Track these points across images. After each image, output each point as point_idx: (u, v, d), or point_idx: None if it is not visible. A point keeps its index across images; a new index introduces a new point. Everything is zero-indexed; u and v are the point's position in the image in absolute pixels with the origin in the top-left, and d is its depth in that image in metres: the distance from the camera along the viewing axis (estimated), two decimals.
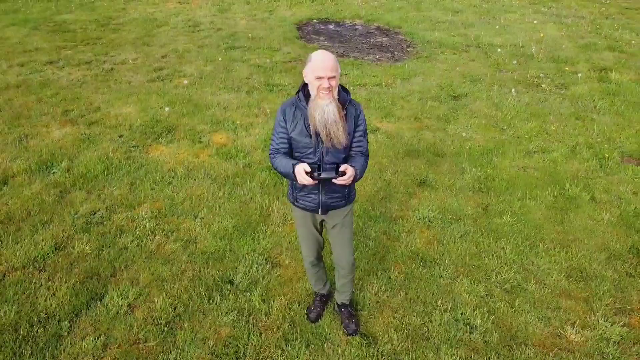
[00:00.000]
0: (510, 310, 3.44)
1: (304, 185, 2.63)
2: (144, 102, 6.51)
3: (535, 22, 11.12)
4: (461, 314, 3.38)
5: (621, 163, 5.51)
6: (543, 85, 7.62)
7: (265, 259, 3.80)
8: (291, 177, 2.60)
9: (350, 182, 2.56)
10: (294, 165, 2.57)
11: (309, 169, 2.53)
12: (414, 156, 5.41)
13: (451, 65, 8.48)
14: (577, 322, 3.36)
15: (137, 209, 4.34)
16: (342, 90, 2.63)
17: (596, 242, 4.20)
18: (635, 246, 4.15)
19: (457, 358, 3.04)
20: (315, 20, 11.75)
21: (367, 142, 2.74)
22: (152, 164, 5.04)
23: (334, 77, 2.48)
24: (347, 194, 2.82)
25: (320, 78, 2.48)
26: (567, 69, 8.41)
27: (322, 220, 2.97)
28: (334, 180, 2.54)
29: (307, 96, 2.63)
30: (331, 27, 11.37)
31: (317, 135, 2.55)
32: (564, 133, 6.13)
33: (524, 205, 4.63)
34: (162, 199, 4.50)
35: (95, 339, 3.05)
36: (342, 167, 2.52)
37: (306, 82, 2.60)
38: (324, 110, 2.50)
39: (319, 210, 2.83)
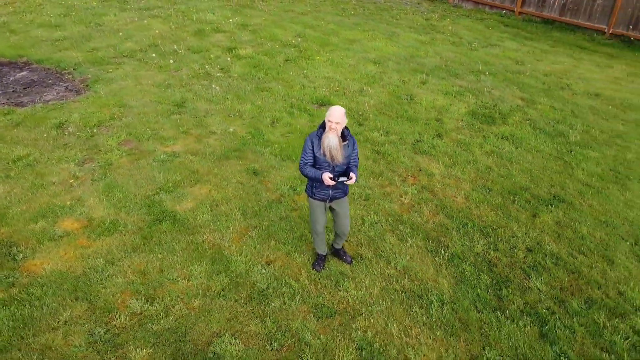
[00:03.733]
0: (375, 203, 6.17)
1: (322, 184, 4.42)
2: None
3: (145, 21, 12.71)
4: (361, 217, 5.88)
5: (316, 110, 8.72)
6: (218, 74, 9.90)
7: (261, 265, 5.14)
8: (318, 180, 4.39)
9: (353, 183, 4.53)
10: (321, 174, 4.36)
11: (331, 175, 4.38)
12: (230, 158, 7.01)
13: (134, 80, 9.49)
14: (398, 194, 6.44)
15: (111, 317, 4.55)
16: (346, 129, 4.44)
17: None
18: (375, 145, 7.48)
19: (386, 224, 5.62)
20: None
21: (358, 159, 4.62)
22: (54, 276, 4.88)
23: (338, 122, 4.30)
24: (345, 190, 4.72)
25: (330, 122, 4.28)
26: (211, 56, 10.85)
27: (330, 206, 4.79)
28: (345, 182, 4.46)
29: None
30: None
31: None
32: (272, 104, 8.80)
33: None
34: (128, 293, 4.79)
35: None
36: (351, 175, 4.45)
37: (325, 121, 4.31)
38: (329, 139, 4.32)
39: (328, 200, 4.67)
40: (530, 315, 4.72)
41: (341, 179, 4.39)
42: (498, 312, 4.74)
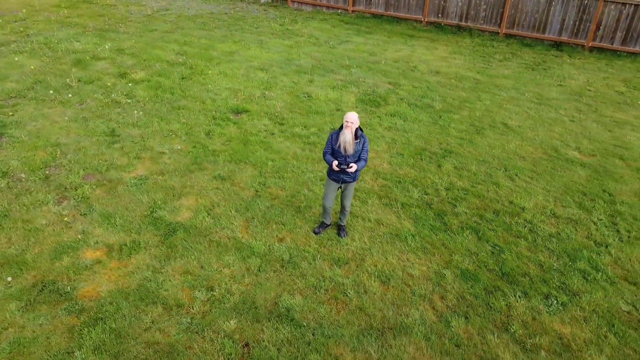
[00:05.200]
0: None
1: (335, 169, 6.05)
2: None
3: (16, 58, 12.17)
4: None
5: (238, 118, 9.99)
6: (127, 101, 10.42)
7: (277, 243, 6.48)
8: (330, 165, 6.01)
9: (354, 171, 6.14)
10: (332, 160, 5.99)
11: (337, 163, 6.03)
12: (193, 171, 8.00)
13: (45, 119, 9.54)
14: None
15: (187, 309, 5.60)
16: (360, 129, 5.99)
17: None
18: None
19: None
20: None
21: (367, 154, 6.11)
22: (116, 294, 5.63)
23: (352, 122, 5.87)
24: (354, 176, 6.28)
25: (346, 121, 5.87)
26: (108, 84, 11.20)
27: (340, 187, 6.35)
28: (346, 170, 6.11)
29: None
30: None
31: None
32: (196, 120, 9.80)
33: (257, 152, 8.59)
34: (187, 290, 5.77)
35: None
36: (350, 164, 6.09)
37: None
38: (345, 135, 5.93)
39: (340, 182, 6.27)
40: (467, 228, 6.95)
41: (342, 167, 6.00)
42: (448, 232, 6.88)
